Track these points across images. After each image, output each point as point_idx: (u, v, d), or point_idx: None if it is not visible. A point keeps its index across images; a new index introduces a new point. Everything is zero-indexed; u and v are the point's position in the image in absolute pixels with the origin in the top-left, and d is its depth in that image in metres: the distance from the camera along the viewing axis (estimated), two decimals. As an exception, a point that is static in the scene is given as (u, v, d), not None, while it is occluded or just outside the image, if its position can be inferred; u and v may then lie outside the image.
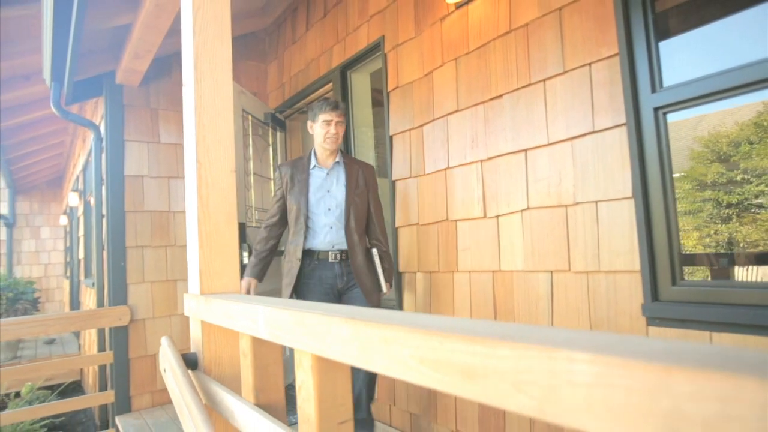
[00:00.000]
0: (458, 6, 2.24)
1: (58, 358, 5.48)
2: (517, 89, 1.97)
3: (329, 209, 2.26)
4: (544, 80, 1.87)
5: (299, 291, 2.26)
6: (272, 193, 2.35)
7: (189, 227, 1.66)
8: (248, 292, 2.29)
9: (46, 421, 3.72)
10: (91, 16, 2.55)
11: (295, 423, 2.94)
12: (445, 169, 2.28)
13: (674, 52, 1.62)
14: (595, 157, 1.72)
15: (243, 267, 3.00)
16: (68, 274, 7.60)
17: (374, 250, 2.30)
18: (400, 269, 2.59)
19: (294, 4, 3.66)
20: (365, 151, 3.10)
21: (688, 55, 1.65)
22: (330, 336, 0.83)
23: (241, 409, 1.21)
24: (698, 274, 1.94)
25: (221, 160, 1.66)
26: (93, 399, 3.18)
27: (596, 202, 1.71)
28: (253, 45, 4.06)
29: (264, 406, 1.28)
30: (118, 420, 3.11)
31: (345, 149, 3.06)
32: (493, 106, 2.08)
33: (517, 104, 1.97)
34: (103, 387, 3.47)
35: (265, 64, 4.10)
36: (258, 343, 1.28)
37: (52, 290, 9.13)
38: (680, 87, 1.53)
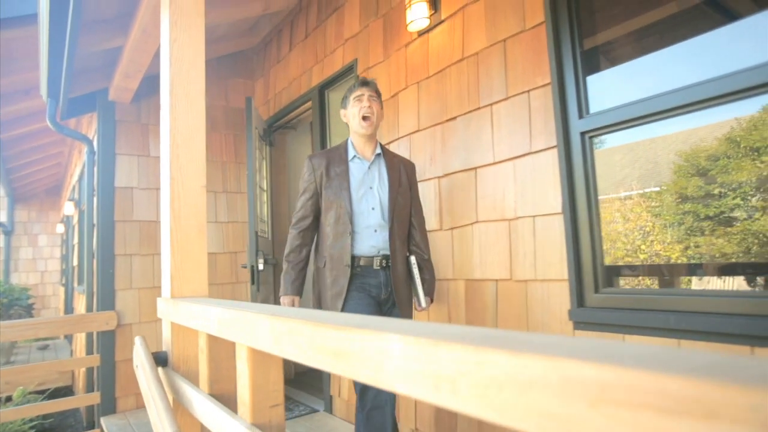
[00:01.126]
0: (420, 34, 2.43)
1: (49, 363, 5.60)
2: (469, 112, 2.15)
3: (372, 208, 1.95)
4: (491, 104, 2.05)
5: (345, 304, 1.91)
6: (300, 191, 2.03)
7: (163, 237, 1.84)
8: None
9: (35, 423, 3.85)
10: (83, 40, 2.74)
11: (317, 411, 3.08)
12: (408, 184, 2.46)
13: (600, 82, 1.81)
14: (533, 176, 1.89)
15: (255, 273, 3.15)
16: (63, 282, 7.75)
17: (412, 258, 2.02)
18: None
19: (279, 25, 3.86)
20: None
21: (613, 86, 1.83)
22: (257, 331, 1.00)
23: (197, 399, 1.37)
24: (633, 283, 2.10)
25: (193, 177, 1.83)
26: (79, 400, 3.33)
27: (533, 216, 1.88)
28: (241, 63, 4.27)
29: (217, 395, 1.43)
30: (102, 420, 3.25)
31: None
32: (449, 127, 2.26)
33: (469, 126, 2.15)
34: (90, 389, 3.61)
35: (252, 80, 4.30)
36: (212, 340, 1.44)
37: (48, 297, 9.27)
38: (603, 114, 1.71)
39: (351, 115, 2.00)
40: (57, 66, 2.91)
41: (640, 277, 1.86)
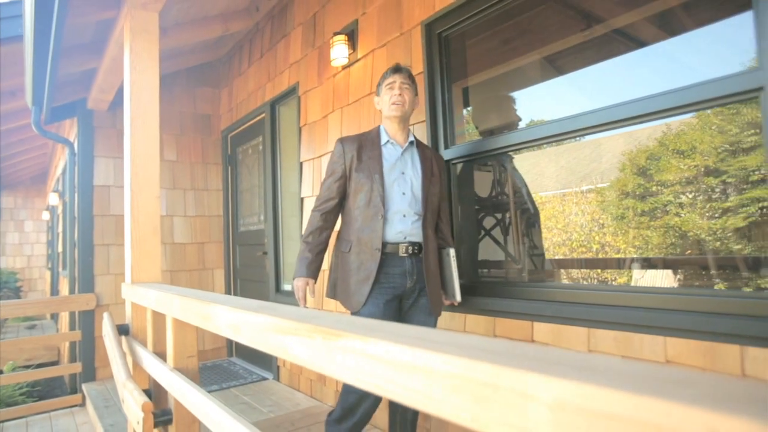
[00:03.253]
0: (343, 68, 2.95)
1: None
2: (375, 137, 2.68)
3: (403, 193, 1.91)
4: (389, 133, 2.59)
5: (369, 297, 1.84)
6: (326, 174, 2.00)
7: (125, 236, 2.36)
8: (305, 294, 1.93)
9: (25, 389, 4.39)
10: (63, 62, 3.21)
11: (267, 379, 3.64)
12: (333, 191, 3.00)
13: (462, 119, 2.35)
14: (415, 191, 2.43)
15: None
16: (49, 266, 8.22)
17: (451, 251, 1.99)
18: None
19: (241, 42, 4.34)
20: (290, 173, 3.79)
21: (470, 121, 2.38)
22: (172, 306, 1.54)
23: (145, 355, 1.92)
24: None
25: (149, 191, 2.35)
26: (64, 369, 3.87)
27: (414, 222, 2.43)
28: (209, 73, 4.74)
29: (158, 353, 1.98)
30: (84, 386, 3.79)
31: (272, 167, 3.76)
32: (362, 147, 2.79)
33: (375, 148, 2.69)
34: (73, 361, 4.15)
35: (218, 89, 4.78)
36: (155, 314, 1.99)
37: (35, 280, 9.74)
38: (460, 146, 2.25)
39: (383, 102, 1.99)
40: (40, 81, 3.38)
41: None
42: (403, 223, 1.89)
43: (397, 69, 1.99)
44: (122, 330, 2.33)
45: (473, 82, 2.34)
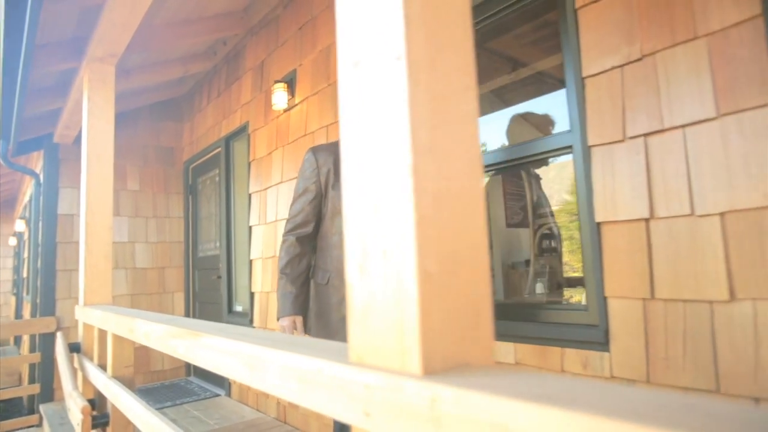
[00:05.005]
0: (285, 111, 3.32)
1: None
2: (310, 173, 3.04)
3: None
4: (321, 170, 2.95)
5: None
6: (298, 191, 1.77)
7: (80, 262, 2.64)
8: (294, 332, 1.71)
9: (-16, 412, 4.50)
10: (31, 102, 3.51)
11: (219, 395, 3.85)
12: (275, 221, 3.33)
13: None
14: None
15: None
16: (14, 291, 8.27)
17: None
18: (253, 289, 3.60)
19: (201, 81, 4.70)
20: (242, 203, 4.11)
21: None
22: (112, 323, 1.84)
23: (91, 369, 2.19)
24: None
25: (102, 221, 2.64)
26: (22, 390, 4.04)
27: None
28: (172, 108, 5.08)
29: (101, 365, 2.25)
30: (41, 407, 3.96)
31: (226, 198, 4.08)
32: (300, 182, 3.15)
33: (310, 183, 3.05)
34: (32, 382, 4.31)
35: (181, 123, 5.11)
36: (100, 331, 2.27)
37: None
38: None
39: None
40: (8, 121, 3.66)
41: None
42: None
43: None
44: (74, 348, 2.60)
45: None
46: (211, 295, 4.46)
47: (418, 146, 0.56)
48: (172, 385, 4.50)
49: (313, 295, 1.75)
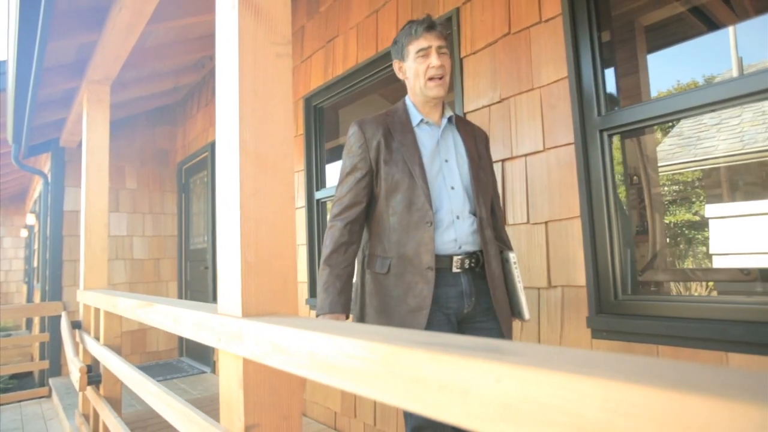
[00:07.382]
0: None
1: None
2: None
3: (452, 188, 1.47)
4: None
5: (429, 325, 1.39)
6: (344, 170, 1.53)
7: (81, 253, 3.15)
8: None
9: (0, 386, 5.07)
10: (39, 113, 4.01)
11: (205, 372, 4.38)
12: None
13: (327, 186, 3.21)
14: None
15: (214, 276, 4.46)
16: (26, 280, 8.87)
17: (511, 255, 1.55)
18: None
19: (192, 90, 5.19)
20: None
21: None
22: (104, 302, 2.35)
23: (89, 341, 2.70)
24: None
25: (99, 220, 3.14)
26: (34, 365, 4.58)
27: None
28: (167, 114, 5.57)
29: (96, 337, 2.76)
30: (50, 381, 4.51)
31: (213, 196, 4.58)
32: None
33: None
34: (42, 359, 4.86)
35: (176, 127, 5.61)
36: (95, 310, 2.77)
37: (12, 294, 10.33)
38: (328, 190, 3.10)
39: (412, 72, 1.50)
40: (19, 128, 4.17)
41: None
42: (457, 228, 1.44)
43: (430, 25, 1.47)
44: (76, 325, 3.12)
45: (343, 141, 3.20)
46: (201, 284, 4.97)
47: (245, 192, 1.04)
48: (166, 364, 5.03)
49: (371, 290, 1.48)
